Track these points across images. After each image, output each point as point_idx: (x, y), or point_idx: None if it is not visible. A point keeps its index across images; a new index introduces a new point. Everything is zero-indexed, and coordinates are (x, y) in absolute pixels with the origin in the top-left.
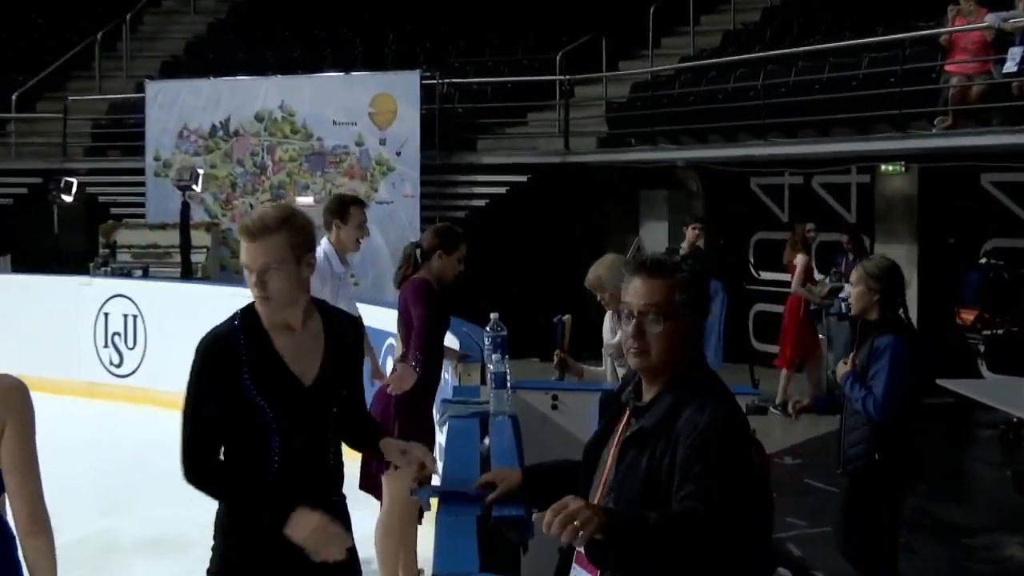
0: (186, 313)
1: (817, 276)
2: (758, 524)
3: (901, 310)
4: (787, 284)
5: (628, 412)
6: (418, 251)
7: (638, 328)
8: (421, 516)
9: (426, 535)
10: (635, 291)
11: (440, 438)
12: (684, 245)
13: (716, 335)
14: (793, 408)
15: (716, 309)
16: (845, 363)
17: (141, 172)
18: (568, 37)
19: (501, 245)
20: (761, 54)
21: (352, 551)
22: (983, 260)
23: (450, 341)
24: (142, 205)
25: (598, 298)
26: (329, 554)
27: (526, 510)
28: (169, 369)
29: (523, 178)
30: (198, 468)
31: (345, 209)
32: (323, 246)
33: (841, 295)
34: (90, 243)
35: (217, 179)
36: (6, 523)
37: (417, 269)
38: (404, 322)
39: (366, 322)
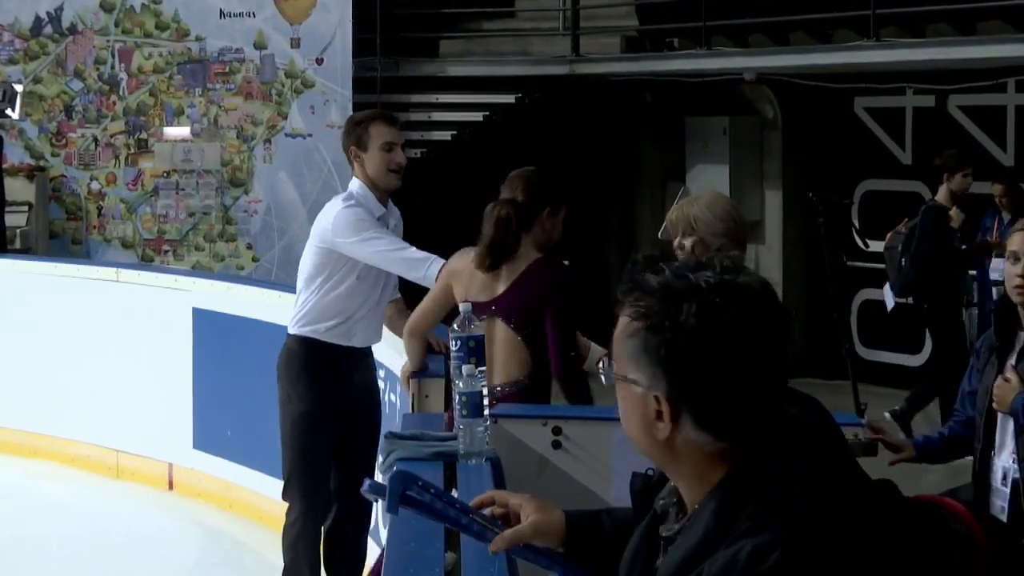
0: None
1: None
2: None
3: None
4: None
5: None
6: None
7: None
8: None
9: None
10: None
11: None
12: (939, 198)
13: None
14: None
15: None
16: (1006, 378)
17: None
18: None
19: (477, 201)
20: None
21: None
22: None
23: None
24: None
25: (675, 244)
26: None
27: None
28: None
29: (509, 98)
30: None
31: (362, 129)
32: (353, 187)
33: (994, 276)
34: None
35: (44, 100)
36: None
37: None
38: (530, 329)
39: (267, 316)
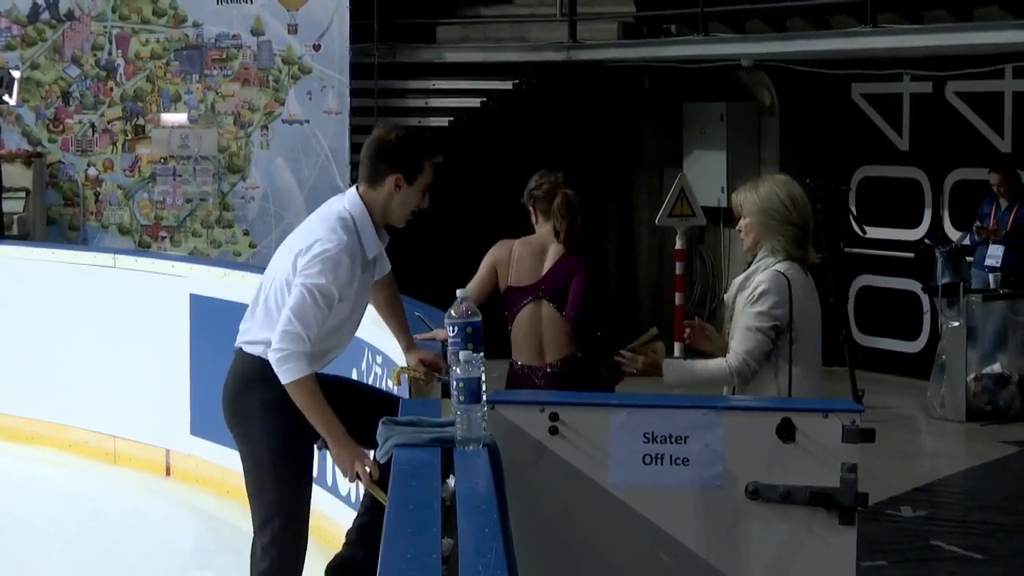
0: None
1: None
2: None
3: None
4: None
5: None
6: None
7: None
8: None
9: None
10: None
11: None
12: None
13: None
14: None
15: None
16: None
17: None
18: None
19: (473, 187)
20: None
21: None
22: None
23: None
24: None
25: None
26: None
27: None
28: None
29: (507, 84)
30: None
31: (417, 161)
32: (355, 210)
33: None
34: None
35: (41, 86)
36: None
37: None
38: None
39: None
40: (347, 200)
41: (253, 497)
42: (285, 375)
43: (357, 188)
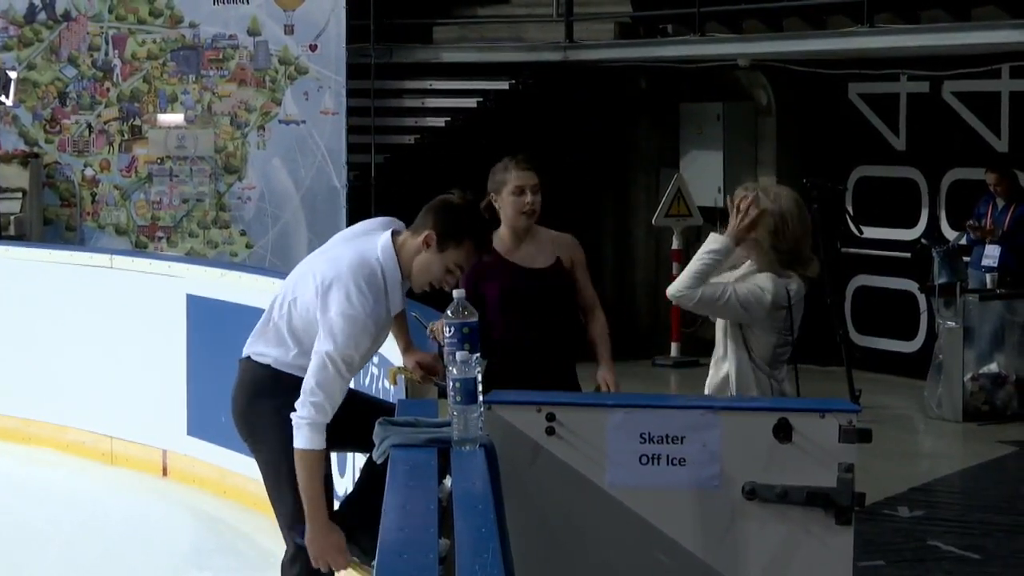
0: None
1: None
2: None
3: None
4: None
5: None
6: None
7: None
8: None
9: None
10: None
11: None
12: None
13: None
14: None
15: None
16: None
17: None
18: None
19: (471, 187)
20: None
21: None
22: None
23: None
24: None
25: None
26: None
27: None
28: None
29: (503, 85)
30: None
31: (459, 230)
32: (387, 260)
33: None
34: None
35: (38, 87)
36: None
37: None
38: None
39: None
40: (381, 250)
41: (276, 502)
42: (299, 440)
43: (393, 234)
